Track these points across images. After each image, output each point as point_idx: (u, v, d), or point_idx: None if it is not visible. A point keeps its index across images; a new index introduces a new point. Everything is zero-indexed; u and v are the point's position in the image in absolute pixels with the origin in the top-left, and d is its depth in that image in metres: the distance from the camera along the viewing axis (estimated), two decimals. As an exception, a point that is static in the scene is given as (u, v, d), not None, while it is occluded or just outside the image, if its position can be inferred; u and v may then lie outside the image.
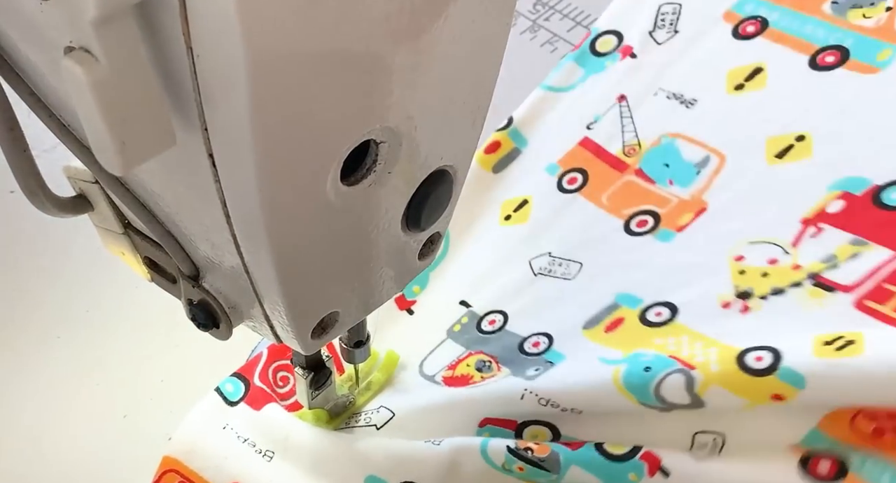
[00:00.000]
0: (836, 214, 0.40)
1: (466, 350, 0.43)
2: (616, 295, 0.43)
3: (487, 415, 0.39)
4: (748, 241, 0.41)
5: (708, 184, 0.45)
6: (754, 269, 0.40)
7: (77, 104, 0.20)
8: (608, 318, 0.42)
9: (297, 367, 0.39)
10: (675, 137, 0.47)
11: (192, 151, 0.23)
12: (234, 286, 0.29)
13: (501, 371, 0.42)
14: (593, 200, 0.47)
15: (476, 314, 0.45)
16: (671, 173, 0.46)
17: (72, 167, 0.31)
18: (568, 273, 0.44)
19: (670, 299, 0.41)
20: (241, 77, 0.19)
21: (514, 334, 0.43)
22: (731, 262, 0.41)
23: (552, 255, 0.45)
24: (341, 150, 0.24)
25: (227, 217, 0.25)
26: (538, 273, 0.45)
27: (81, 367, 0.45)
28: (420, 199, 0.29)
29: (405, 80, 0.24)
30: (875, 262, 0.38)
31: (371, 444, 0.39)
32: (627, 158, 0.47)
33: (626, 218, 0.45)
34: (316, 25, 0.20)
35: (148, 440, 0.42)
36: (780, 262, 0.40)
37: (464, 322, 0.44)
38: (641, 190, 0.46)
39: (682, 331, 0.39)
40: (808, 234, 0.40)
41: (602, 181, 0.47)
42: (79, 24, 0.19)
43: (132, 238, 0.32)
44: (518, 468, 0.37)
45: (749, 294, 0.39)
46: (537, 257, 0.46)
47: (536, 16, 0.60)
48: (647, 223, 0.45)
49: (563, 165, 0.48)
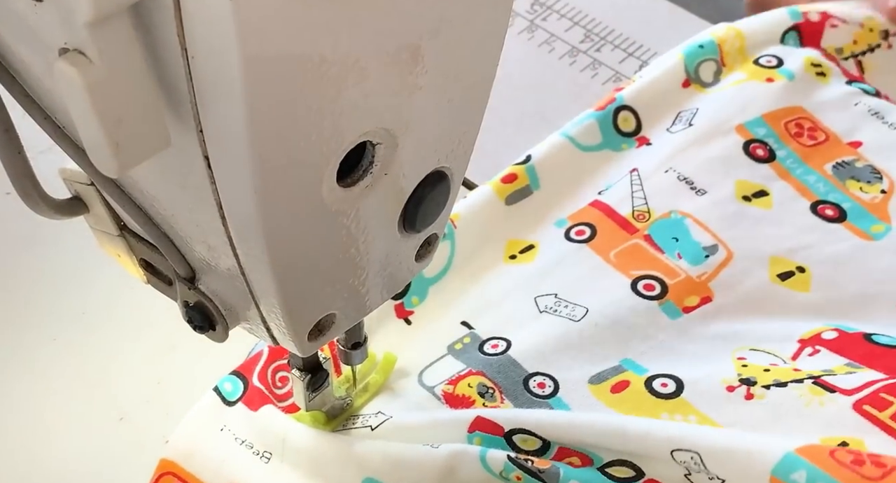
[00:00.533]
0: (831, 341, 0.42)
1: (467, 367, 0.43)
2: (621, 359, 0.43)
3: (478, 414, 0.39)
4: (749, 348, 0.42)
5: (715, 273, 0.45)
6: (756, 366, 0.41)
7: (71, 106, 0.20)
8: (614, 379, 0.42)
9: (294, 368, 0.39)
10: (685, 217, 0.47)
11: (187, 153, 0.23)
12: (231, 288, 0.29)
13: (504, 404, 0.41)
14: (600, 254, 0.47)
15: (478, 336, 0.45)
16: (680, 248, 0.46)
17: (67, 169, 0.30)
18: (574, 315, 0.44)
19: (676, 374, 0.41)
20: (236, 79, 0.19)
21: (518, 365, 0.43)
22: (734, 359, 0.42)
23: (558, 297, 0.45)
24: (337, 151, 0.24)
25: (223, 219, 0.25)
26: (543, 311, 0.45)
27: (77, 369, 0.45)
28: (417, 201, 0.29)
29: (401, 82, 0.24)
30: (871, 377, 0.39)
31: (369, 447, 0.39)
32: (637, 223, 0.48)
33: (633, 278, 0.45)
34: (311, 27, 0.20)
35: (145, 442, 0.42)
36: (780, 366, 0.41)
37: (466, 342, 0.44)
38: (649, 255, 0.46)
39: (690, 409, 0.39)
40: (805, 352, 0.42)
41: (610, 238, 0.47)
42: (73, 26, 0.19)
43: (128, 240, 0.32)
44: (516, 477, 0.37)
45: (753, 382, 0.40)
46: (543, 296, 0.45)
47: (534, 16, 0.60)
48: (655, 288, 0.45)
49: (572, 220, 0.49)
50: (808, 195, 0.49)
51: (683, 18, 0.59)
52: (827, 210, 0.48)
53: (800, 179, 0.49)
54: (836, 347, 0.42)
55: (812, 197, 0.48)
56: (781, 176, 0.49)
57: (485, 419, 0.39)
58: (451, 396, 0.42)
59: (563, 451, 0.38)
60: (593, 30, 0.59)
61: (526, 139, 0.52)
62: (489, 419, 0.39)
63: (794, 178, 0.49)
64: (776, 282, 0.45)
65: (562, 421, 0.38)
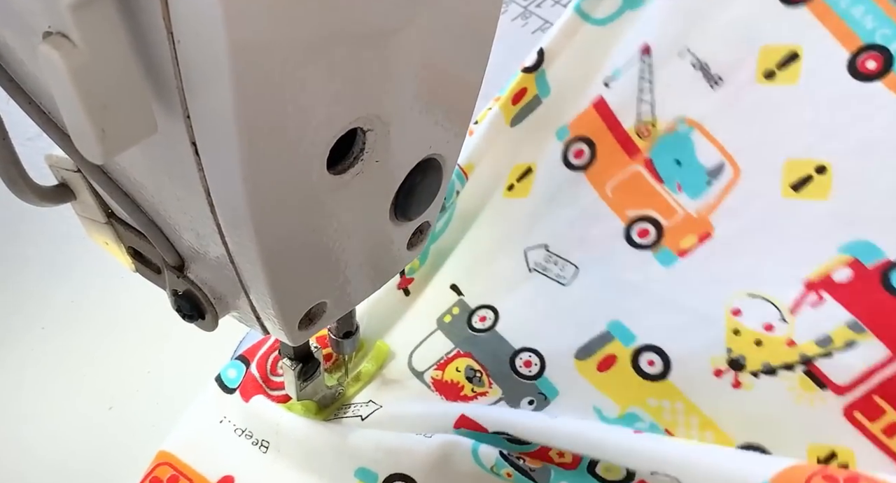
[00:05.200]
0: (840, 285, 0.38)
1: (455, 348, 0.43)
2: (608, 322, 0.41)
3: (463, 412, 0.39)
4: (747, 293, 0.40)
5: (717, 202, 0.42)
6: (749, 332, 0.39)
7: (55, 91, 0.19)
8: (601, 352, 0.41)
9: (285, 358, 0.38)
10: (693, 127, 0.44)
11: (174, 139, 0.22)
12: (220, 277, 0.29)
13: (493, 389, 0.41)
14: (597, 188, 0.44)
15: (467, 306, 0.44)
16: (681, 175, 0.43)
17: (53, 155, 0.30)
18: (563, 276, 0.43)
19: (663, 346, 0.40)
20: (224, 64, 0.19)
21: (504, 341, 0.42)
22: (727, 315, 0.40)
23: (549, 251, 0.44)
24: (327, 138, 0.23)
25: (212, 206, 0.24)
26: (533, 268, 0.44)
27: (66, 358, 0.44)
28: (408, 189, 0.28)
29: (392, 68, 0.23)
30: (869, 362, 0.37)
31: (362, 436, 0.39)
32: (640, 140, 0.44)
33: (628, 221, 0.44)
34: (300, 12, 0.19)
35: (134, 431, 0.42)
36: (775, 330, 0.39)
37: (455, 313, 0.44)
38: (648, 188, 0.44)
39: (677, 395, 0.39)
40: (808, 300, 0.39)
41: (609, 163, 0.44)
42: (56, 9, 0.18)
43: (116, 228, 0.32)
44: (506, 473, 0.36)
45: (741, 365, 0.38)
46: (533, 248, 0.44)
47: (528, 2, 0.60)
48: (649, 234, 0.43)
49: (573, 131, 0.46)
50: (849, 41, 0.41)
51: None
52: (868, 61, 0.40)
53: (842, 16, 0.42)
54: (844, 296, 0.38)
55: (853, 43, 0.41)
56: (821, 16, 0.42)
57: (469, 419, 0.39)
58: (440, 383, 0.41)
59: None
60: (587, 17, 0.59)
61: (519, 127, 0.51)
62: (473, 420, 0.39)
63: (836, 15, 0.42)
64: (789, 195, 0.41)
65: (543, 430, 0.37)
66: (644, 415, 0.39)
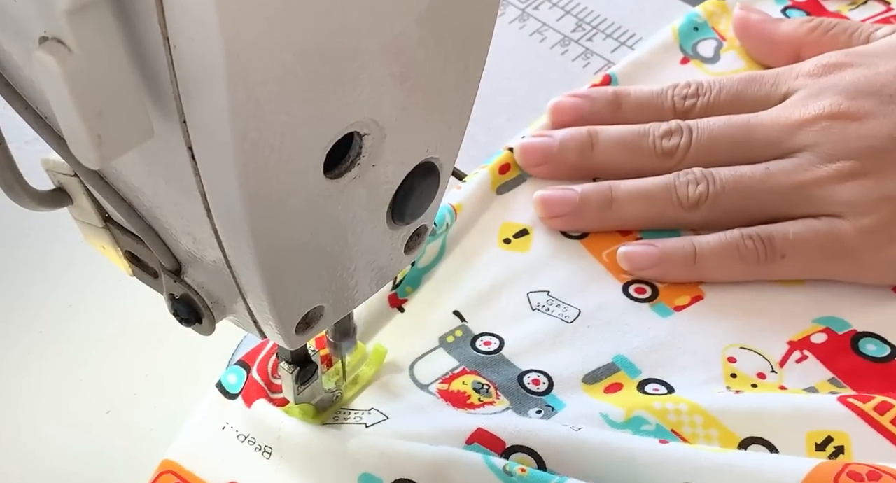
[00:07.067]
0: (818, 345, 0.42)
1: (461, 365, 0.42)
2: (614, 356, 0.42)
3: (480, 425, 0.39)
4: (739, 346, 0.42)
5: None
6: (745, 377, 0.41)
7: (51, 96, 0.19)
8: (607, 380, 0.41)
9: (283, 361, 0.38)
10: None
11: (170, 144, 0.22)
12: (217, 281, 0.29)
13: (500, 399, 0.41)
14: (594, 253, 0.46)
15: (471, 331, 0.44)
16: None
17: (50, 160, 0.30)
18: (567, 316, 0.44)
19: (667, 379, 0.41)
20: (219, 69, 0.19)
21: (511, 364, 0.42)
22: (723, 361, 0.42)
23: (550, 295, 0.45)
24: (324, 142, 0.23)
25: (208, 211, 0.24)
26: (535, 308, 0.44)
27: (63, 362, 0.44)
28: (406, 192, 0.28)
29: (389, 72, 0.23)
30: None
31: (365, 442, 0.38)
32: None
33: (624, 281, 0.45)
34: (296, 17, 0.19)
35: (132, 436, 0.42)
36: (767, 378, 0.41)
37: (458, 335, 0.44)
38: None
39: (681, 399, 0.39)
40: (793, 357, 0.41)
41: (603, 236, 0.46)
42: (52, 14, 0.18)
43: (113, 232, 0.32)
44: (520, 469, 0.36)
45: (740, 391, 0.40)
46: (536, 292, 0.45)
47: (525, 5, 0.60)
48: (646, 291, 0.44)
49: None
50: None
51: (676, 7, 0.59)
52: None
53: None
54: (823, 355, 0.41)
55: None
56: None
57: (486, 432, 0.38)
58: (446, 393, 0.41)
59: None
60: (585, 19, 0.59)
61: (517, 129, 0.51)
62: (490, 432, 0.38)
63: None
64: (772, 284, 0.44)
65: (568, 441, 0.37)
66: (650, 417, 0.39)
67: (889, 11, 0.54)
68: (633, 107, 0.48)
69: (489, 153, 0.50)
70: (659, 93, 0.48)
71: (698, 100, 0.47)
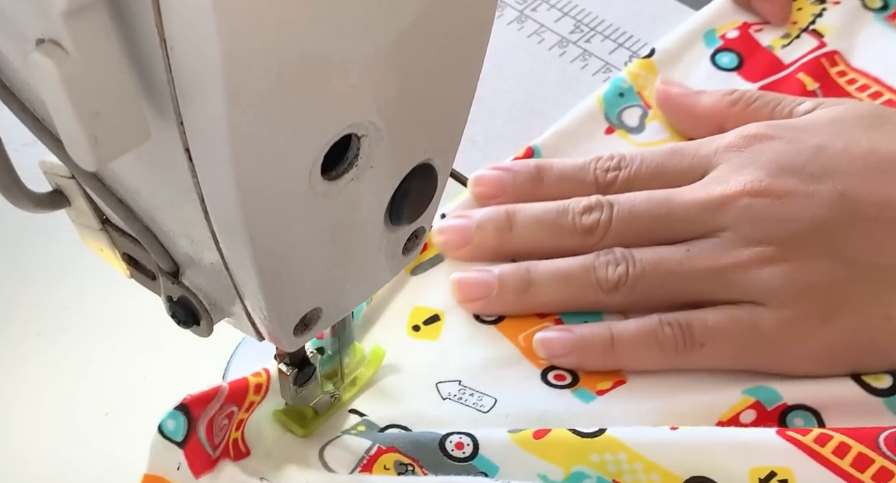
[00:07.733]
0: (747, 426, 0.40)
1: (375, 444, 0.38)
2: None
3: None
4: (668, 428, 0.39)
5: None
6: None
7: (47, 98, 0.19)
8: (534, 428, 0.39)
9: (281, 363, 0.38)
10: None
11: (168, 146, 0.22)
12: (215, 283, 0.29)
13: (428, 476, 0.38)
14: (510, 338, 0.44)
15: (374, 424, 0.41)
16: None
17: (47, 162, 0.30)
18: (482, 405, 0.41)
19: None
20: (217, 71, 0.19)
21: (428, 432, 0.39)
22: None
23: (462, 385, 0.42)
24: (321, 144, 0.23)
25: (206, 213, 0.24)
26: (446, 398, 0.41)
27: (61, 364, 0.44)
28: (403, 194, 0.28)
29: (386, 74, 0.23)
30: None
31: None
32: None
33: (543, 367, 0.43)
34: (294, 20, 0.19)
35: (130, 438, 0.42)
36: None
37: (360, 429, 0.41)
38: None
39: (618, 446, 0.37)
40: None
41: (520, 321, 0.44)
42: (49, 17, 0.18)
43: (110, 234, 0.32)
44: None
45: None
46: (445, 382, 0.42)
47: (523, 6, 0.60)
48: (566, 378, 0.42)
49: None
50: None
51: (673, 8, 0.59)
52: None
53: None
54: None
55: None
56: None
57: None
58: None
59: None
60: (583, 20, 0.59)
61: (515, 131, 0.51)
62: None
63: None
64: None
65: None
66: (590, 471, 0.37)
67: (822, 47, 0.53)
68: (555, 180, 0.46)
69: (487, 154, 0.50)
70: (581, 166, 0.46)
71: (620, 173, 0.45)
